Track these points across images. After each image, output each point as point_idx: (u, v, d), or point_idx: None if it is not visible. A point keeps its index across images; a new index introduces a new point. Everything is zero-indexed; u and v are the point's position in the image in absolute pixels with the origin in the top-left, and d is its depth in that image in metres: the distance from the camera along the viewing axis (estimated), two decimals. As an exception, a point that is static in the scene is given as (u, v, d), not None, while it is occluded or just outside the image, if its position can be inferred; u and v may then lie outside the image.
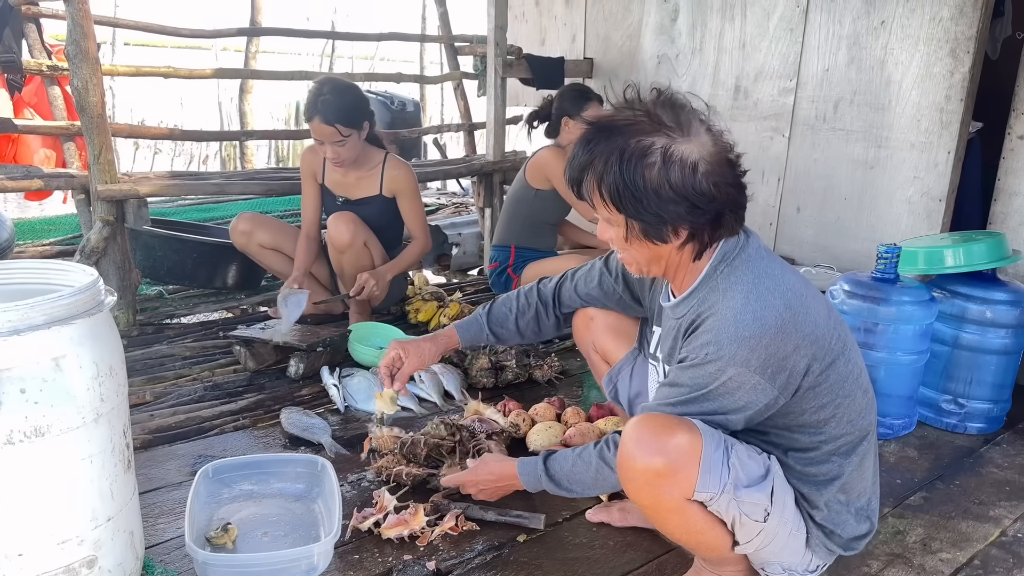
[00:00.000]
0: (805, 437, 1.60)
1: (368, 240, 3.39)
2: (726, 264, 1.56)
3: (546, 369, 3.05)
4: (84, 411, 1.50)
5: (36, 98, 3.70)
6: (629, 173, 1.45)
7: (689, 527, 1.57)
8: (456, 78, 5.92)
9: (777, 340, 1.46)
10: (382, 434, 2.39)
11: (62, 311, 1.46)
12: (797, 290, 1.53)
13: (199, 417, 2.66)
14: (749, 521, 1.55)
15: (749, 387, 1.47)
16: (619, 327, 1.95)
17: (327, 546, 1.84)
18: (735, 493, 1.51)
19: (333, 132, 3.14)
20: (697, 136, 1.47)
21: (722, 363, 1.47)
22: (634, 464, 1.51)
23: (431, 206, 6.98)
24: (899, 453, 2.62)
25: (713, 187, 1.46)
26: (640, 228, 1.51)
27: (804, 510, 1.66)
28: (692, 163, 1.44)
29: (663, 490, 1.50)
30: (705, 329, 1.52)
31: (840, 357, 1.57)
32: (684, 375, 1.53)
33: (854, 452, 1.65)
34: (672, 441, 1.47)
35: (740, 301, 1.49)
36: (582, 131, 1.56)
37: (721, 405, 1.50)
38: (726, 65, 4.25)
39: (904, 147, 3.54)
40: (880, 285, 2.62)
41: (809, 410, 1.56)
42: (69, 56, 3.10)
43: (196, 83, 9.92)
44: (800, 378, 1.52)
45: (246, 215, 3.62)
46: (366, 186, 3.44)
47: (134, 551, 1.70)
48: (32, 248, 4.81)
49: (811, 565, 1.71)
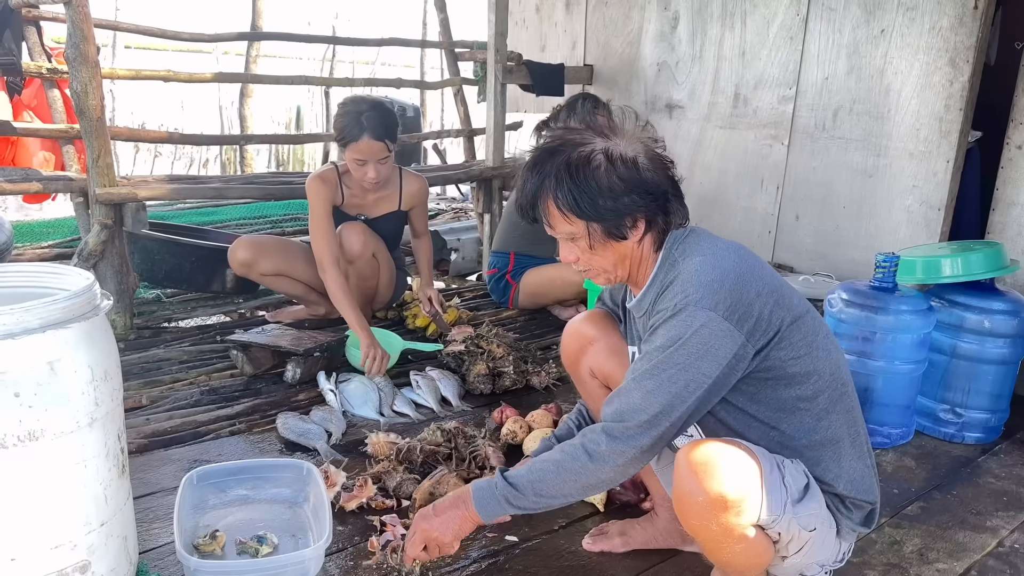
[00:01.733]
0: (792, 392, 1.60)
1: (377, 251, 3.40)
2: (678, 244, 1.64)
3: (543, 376, 3.05)
4: (79, 415, 1.49)
5: (36, 101, 3.70)
6: (581, 180, 1.55)
7: (750, 551, 1.55)
8: (456, 84, 5.93)
9: (739, 285, 1.52)
10: (378, 439, 2.39)
11: (57, 315, 1.46)
12: (749, 252, 1.65)
13: (195, 422, 2.65)
14: (804, 533, 1.56)
15: (720, 334, 1.49)
16: (622, 349, 1.89)
17: (318, 552, 1.83)
18: (794, 510, 1.53)
19: (383, 148, 3.08)
20: (627, 136, 1.61)
21: (692, 308, 1.50)
22: (696, 499, 1.47)
23: (431, 211, 6.99)
24: (896, 463, 2.61)
25: (654, 174, 1.58)
26: (602, 229, 1.58)
27: (830, 493, 1.65)
28: (631, 158, 1.57)
29: (729, 521, 1.47)
30: (671, 288, 1.57)
31: (807, 314, 1.62)
32: (657, 334, 1.55)
33: (842, 406, 1.66)
34: (732, 469, 1.47)
35: (699, 259, 1.57)
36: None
37: (695, 359, 1.49)
38: (726, 73, 4.25)
39: (903, 156, 3.54)
40: (878, 294, 2.62)
41: (789, 361, 1.57)
42: (68, 59, 3.10)
43: (197, 87, 9.97)
44: (766, 325, 1.54)
45: (244, 242, 3.39)
46: (385, 204, 3.42)
47: (128, 556, 1.69)
48: (30, 251, 4.80)
49: (839, 554, 1.72)
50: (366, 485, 2.17)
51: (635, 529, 2.02)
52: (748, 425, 1.62)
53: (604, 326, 1.96)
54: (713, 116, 4.35)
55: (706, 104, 4.37)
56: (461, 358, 3.09)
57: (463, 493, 1.67)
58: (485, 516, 1.64)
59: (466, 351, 3.09)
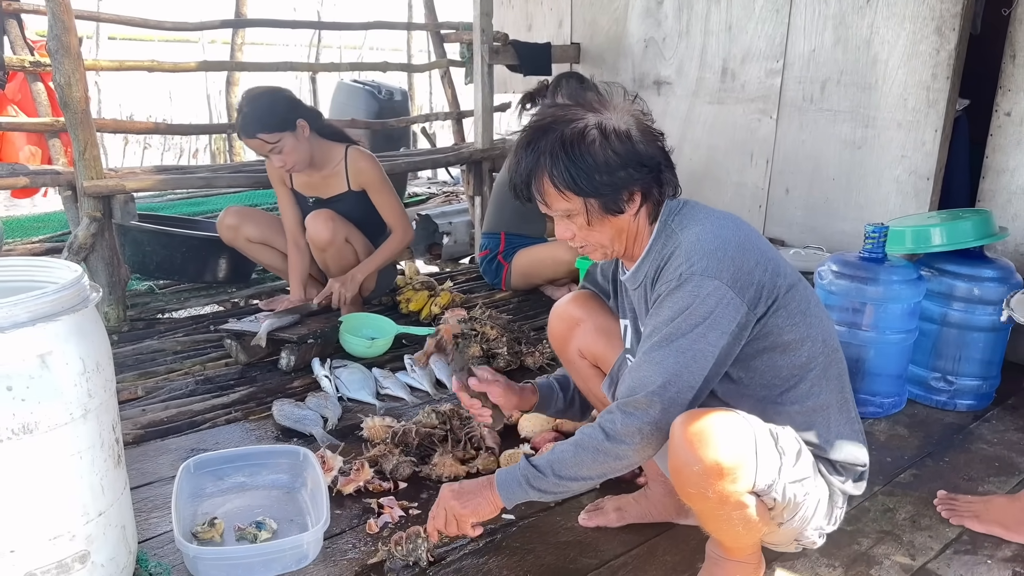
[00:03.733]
0: (786, 360, 1.62)
1: (350, 235, 3.36)
2: (675, 215, 1.66)
3: (538, 356, 3.06)
4: (72, 407, 1.50)
5: (20, 95, 3.67)
6: (576, 156, 1.54)
7: (746, 519, 1.56)
8: (443, 66, 5.90)
9: (740, 254, 1.54)
10: (374, 424, 2.40)
11: (47, 308, 1.46)
12: (744, 223, 1.67)
13: (191, 411, 2.66)
14: (798, 498, 1.58)
15: (725, 303, 1.51)
16: (610, 329, 1.90)
17: (317, 535, 1.85)
18: (788, 476, 1.55)
19: (260, 144, 3.08)
20: (619, 109, 1.60)
21: (698, 278, 1.51)
22: (692, 468, 1.48)
23: (421, 195, 6.97)
24: (889, 431, 2.63)
25: (648, 146, 1.58)
26: (599, 204, 1.58)
27: (821, 458, 1.67)
28: (625, 131, 1.56)
29: (725, 489, 1.48)
30: (673, 258, 1.58)
31: (799, 283, 1.65)
32: (663, 306, 1.56)
33: (832, 372, 1.68)
34: (727, 436, 1.47)
35: (698, 228, 1.59)
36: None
37: (703, 329, 1.51)
38: (713, 47, 4.24)
39: (891, 126, 3.54)
40: (868, 265, 2.63)
41: (785, 328, 1.59)
42: (51, 52, 3.08)
43: (184, 77, 9.91)
44: (766, 294, 1.56)
45: (233, 209, 3.56)
46: (334, 184, 3.37)
47: (127, 545, 1.70)
48: (21, 246, 4.79)
49: (832, 518, 1.73)
50: (363, 468, 2.18)
51: (630, 504, 2.04)
52: (741, 393, 1.63)
53: (590, 306, 1.97)
54: (701, 92, 4.33)
55: (694, 80, 4.36)
56: (455, 341, 3.09)
57: (491, 476, 1.70)
58: (506, 499, 1.66)
59: (460, 333, 3.09)
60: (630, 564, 1.90)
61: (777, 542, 1.75)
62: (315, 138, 3.23)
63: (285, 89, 3.28)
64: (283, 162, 3.13)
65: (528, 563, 1.90)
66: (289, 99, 3.20)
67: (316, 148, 3.25)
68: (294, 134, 3.11)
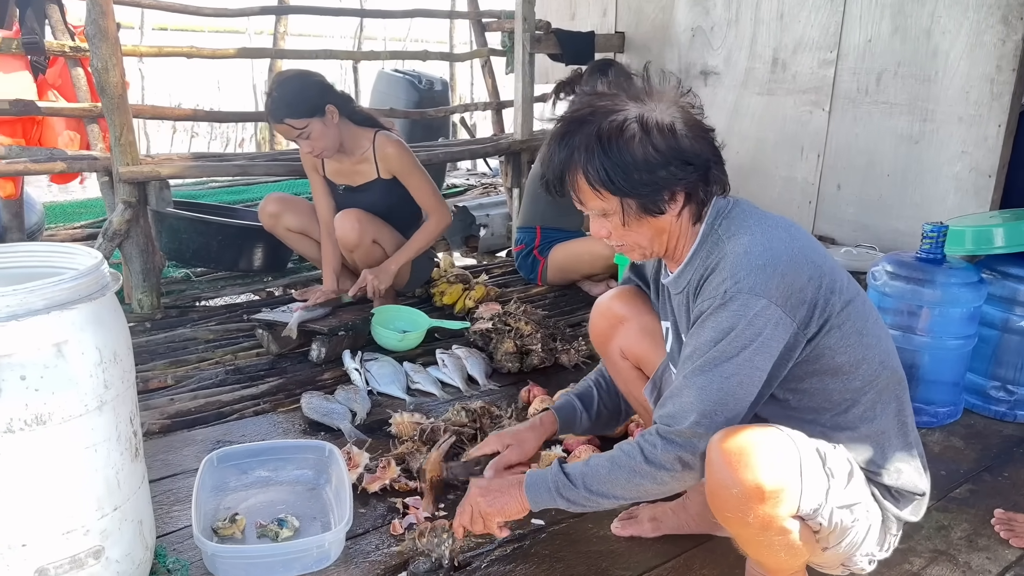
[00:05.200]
0: (839, 383, 1.50)
1: (378, 235, 3.28)
2: (722, 218, 1.53)
3: (573, 354, 2.97)
4: (87, 398, 1.45)
5: (60, 80, 3.67)
6: (613, 152, 1.42)
7: (789, 544, 1.45)
8: (484, 55, 5.81)
9: (791, 269, 1.42)
10: (402, 420, 2.34)
11: (63, 295, 1.41)
12: (800, 230, 1.54)
13: (219, 402, 2.62)
14: (847, 523, 1.47)
15: (773, 323, 1.39)
16: (655, 329, 1.80)
17: (339, 535, 1.79)
18: (836, 500, 1.44)
19: (287, 129, 3.02)
20: (663, 100, 1.48)
21: (744, 296, 1.40)
22: (730, 491, 1.37)
23: (459, 187, 6.91)
24: (944, 443, 2.49)
25: (694, 142, 1.46)
26: (637, 204, 1.47)
27: (875, 482, 1.56)
28: (668, 125, 1.44)
29: (767, 513, 1.38)
30: (718, 272, 1.46)
31: (857, 297, 1.52)
32: (706, 325, 1.44)
33: (889, 396, 1.56)
34: (769, 456, 1.36)
35: (747, 238, 1.46)
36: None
37: (750, 353, 1.39)
38: (763, 37, 4.09)
39: (951, 120, 3.37)
40: (925, 266, 2.51)
41: (839, 349, 1.48)
42: (88, 36, 3.06)
43: (231, 68, 9.97)
44: (819, 313, 1.44)
45: (275, 196, 3.52)
46: (364, 171, 3.29)
47: (143, 541, 1.65)
48: (62, 231, 4.84)
49: (885, 545, 1.62)
50: (389, 467, 2.12)
51: (666, 514, 1.94)
52: (788, 415, 1.52)
53: (635, 304, 1.87)
54: (750, 82, 4.19)
55: (743, 70, 4.21)
56: (488, 336, 3.02)
57: (521, 476, 1.63)
58: (533, 502, 1.59)
59: (493, 329, 3.01)
60: (665, 577, 1.81)
61: (822, 563, 1.63)
62: (345, 124, 3.16)
63: (316, 73, 3.21)
64: (311, 148, 3.07)
65: (557, 572, 1.82)
66: (319, 84, 3.12)
67: (346, 134, 3.18)
68: (322, 120, 3.04)
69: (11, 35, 3.52)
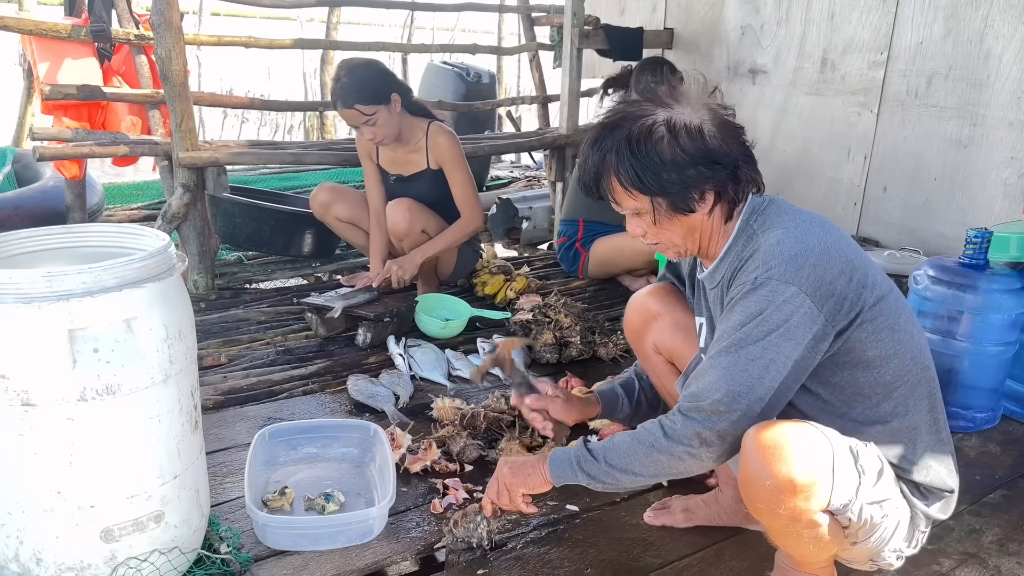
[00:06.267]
0: (870, 377, 1.53)
1: (427, 225, 3.36)
2: (757, 215, 1.58)
3: (611, 347, 3.01)
4: (153, 372, 1.54)
5: (124, 67, 3.81)
6: (642, 154, 1.49)
7: (818, 537, 1.49)
8: (532, 49, 5.85)
9: (823, 261, 1.46)
10: (443, 404, 2.41)
11: (133, 274, 1.50)
12: (833, 227, 1.57)
13: (270, 380, 2.73)
14: (876, 519, 1.51)
15: (802, 312, 1.43)
16: (688, 325, 1.84)
17: (383, 511, 1.87)
18: (866, 496, 1.48)
19: (356, 114, 3.10)
20: (692, 103, 1.54)
21: (774, 283, 1.44)
22: (763, 483, 1.41)
23: (503, 179, 6.97)
24: (980, 448, 2.50)
25: (722, 143, 1.51)
26: (667, 203, 1.53)
27: (905, 479, 1.59)
28: (696, 127, 1.50)
29: (798, 506, 1.42)
30: (751, 262, 1.51)
31: (890, 294, 1.55)
32: (735, 310, 1.49)
33: (922, 392, 1.59)
34: (802, 451, 1.41)
35: (781, 231, 1.51)
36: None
37: (776, 338, 1.43)
38: (813, 37, 4.08)
39: (1002, 125, 3.33)
40: (968, 271, 2.50)
41: (869, 344, 1.51)
42: (153, 25, 3.19)
43: (282, 56, 10.14)
44: (848, 306, 1.47)
45: (327, 185, 3.62)
46: (415, 161, 3.38)
47: (199, 508, 1.75)
48: (121, 212, 5.02)
49: (913, 541, 1.65)
50: (430, 448, 2.20)
51: (699, 505, 1.99)
52: (820, 410, 1.56)
53: (669, 300, 1.91)
54: (799, 82, 4.17)
55: (791, 69, 4.20)
56: (528, 327, 3.08)
57: (547, 453, 1.69)
58: (555, 476, 1.64)
59: (533, 320, 3.08)
60: (695, 567, 1.86)
61: (850, 558, 1.67)
62: (403, 114, 3.26)
63: (381, 62, 3.32)
64: (374, 135, 3.17)
65: (590, 556, 1.88)
66: (386, 72, 3.24)
67: (403, 124, 3.28)
68: (388, 108, 3.14)
69: (80, 23, 3.66)
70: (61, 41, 3.60)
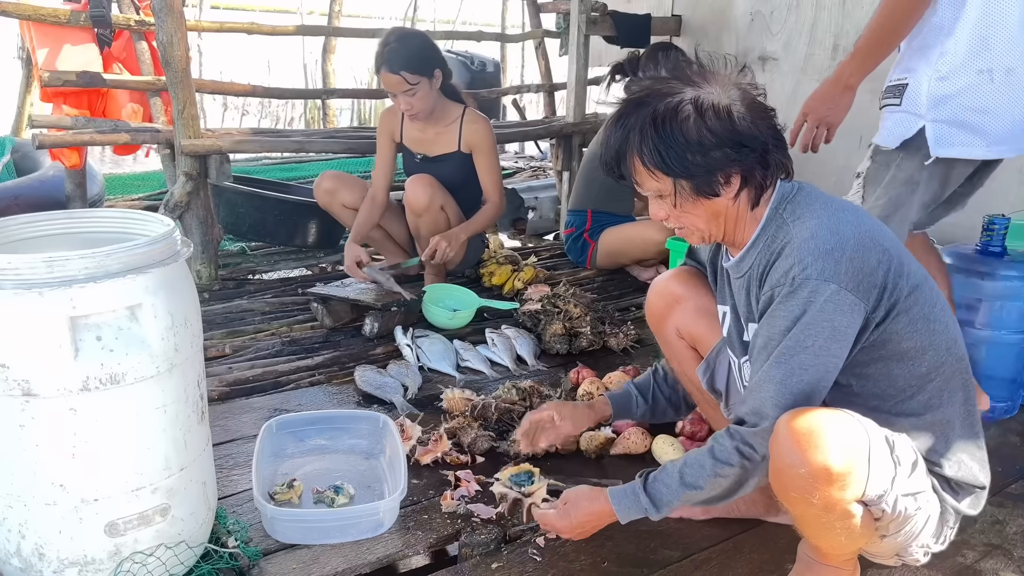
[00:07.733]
0: (904, 369, 1.49)
1: (445, 203, 3.33)
2: (787, 202, 1.53)
3: (621, 338, 2.97)
4: (158, 360, 1.49)
5: (125, 53, 3.76)
6: (666, 133, 1.43)
7: (850, 529, 1.45)
8: (538, 36, 5.80)
9: (859, 253, 1.41)
10: (453, 395, 2.37)
11: (138, 260, 1.46)
12: (866, 214, 1.54)
13: (276, 371, 2.68)
14: (908, 513, 1.46)
15: (846, 307, 1.39)
16: (712, 310, 1.80)
17: (393, 503, 1.82)
18: (901, 488, 1.43)
19: (400, 81, 3.05)
20: (722, 83, 1.47)
21: (814, 282, 1.39)
22: (797, 471, 1.36)
23: (508, 169, 6.91)
24: (1000, 438, 2.45)
25: (751, 125, 1.45)
26: (691, 186, 1.48)
27: (936, 473, 1.55)
28: (725, 107, 1.44)
29: (832, 496, 1.38)
30: (784, 257, 1.46)
31: (925, 282, 1.51)
32: (777, 315, 1.44)
33: (956, 384, 1.54)
34: (838, 439, 1.36)
35: (814, 222, 1.45)
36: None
37: (825, 341, 1.39)
38: (824, 22, 4.02)
39: (1018, 111, 3.27)
40: (985, 259, 2.48)
41: (905, 335, 1.46)
42: (155, 10, 3.13)
43: (282, 46, 10.09)
44: (887, 297, 1.43)
45: (331, 173, 3.59)
46: (444, 142, 3.36)
47: (206, 501, 1.71)
48: (121, 202, 4.98)
49: (942, 536, 1.61)
50: (441, 440, 2.15)
51: None
52: (850, 401, 1.51)
53: (693, 284, 1.87)
54: (809, 69, 4.11)
55: (802, 56, 4.14)
56: (537, 317, 3.03)
57: (605, 507, 1.65)
58: (620, 510, 1.63)
59: (542, 310, 3.03)
60: (714, 559, 1.81)
61: (877, 553, 1.62)
62: (438, 93, 3.24)
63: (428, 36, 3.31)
64: (410, 106, 3.13)
65: (607, 549, 1.83)
66: (435, 47, 3.24)
67: (437, 103, 3.26)
68: (430, 81, 3.13)
69: (80, 8, 3.60)
70: (60, 27, 3.55)
